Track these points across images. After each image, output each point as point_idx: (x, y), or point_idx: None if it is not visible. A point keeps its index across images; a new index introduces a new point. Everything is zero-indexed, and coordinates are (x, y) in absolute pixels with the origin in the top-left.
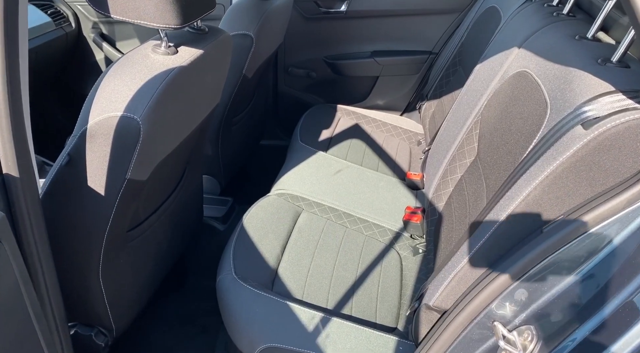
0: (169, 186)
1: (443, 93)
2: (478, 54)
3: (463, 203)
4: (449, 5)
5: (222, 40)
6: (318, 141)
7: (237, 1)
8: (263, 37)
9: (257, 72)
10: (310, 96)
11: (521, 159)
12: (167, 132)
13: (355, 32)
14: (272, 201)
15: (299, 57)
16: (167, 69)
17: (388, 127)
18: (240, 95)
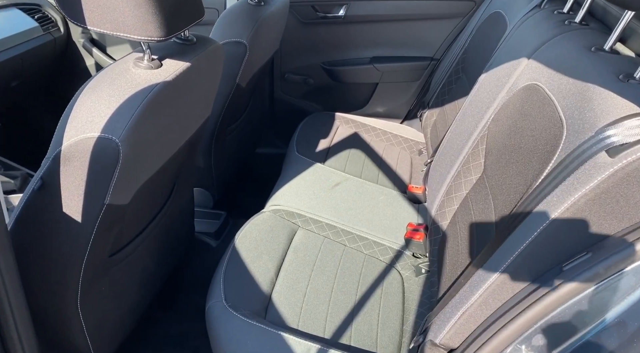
0: (156, 204)
1: (445, 101)
2: (482, 62)
3: (469, 224)
4: (451, 10)
5: (212, 51)
6: (315, 152)
7: (230, 7)
8: (257, 44)
9: (251, 80)
10: (308, 103)
11: (536, 184)
12: (151, 152)
13: (354, 37)
14: (266, 218)
15: (295, 63)
16: (150, 84)
17: (388, 135)
18: (234, 104)
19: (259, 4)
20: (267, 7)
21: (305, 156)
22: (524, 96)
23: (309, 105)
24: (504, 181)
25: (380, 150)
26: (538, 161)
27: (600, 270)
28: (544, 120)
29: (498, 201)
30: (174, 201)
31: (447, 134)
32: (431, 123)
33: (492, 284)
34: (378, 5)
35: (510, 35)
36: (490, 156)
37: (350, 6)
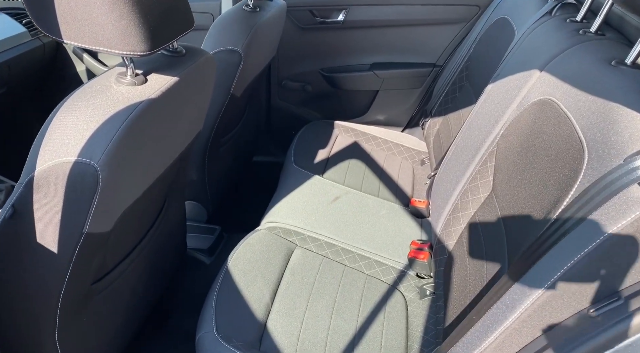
0: (144, 224)
1: (449, 110)
2: (488, 70)
3: (478, 246)
4: (454, 15)
5: (203, 63)
6: (314, 163)
7: (224, 13)
8: (253, 52)
9: (247, 89)
10: (306, 110)
11: (555, 214)
12: (135, 175)
13: (353, 43)
14: (261, 237)
15: (293, 69)
16: (133, 103)
17: (389, 145)
18: (228, 115)
19: (254, 10)
20: (262, 13)
21: (303, 167)
22: (536, 112)
23: (307, 113)
24: (516, 203)
25: (381, 160)
26: (556, 186)
27: (636, 321)
28: (560, 140)
29: (510, 225)
30: (164, 219)
31: (451, 146)
32: (434, 132)
33: (508, 327)
34: (378, 10)
35: (519, 44)
36: (499, 173)
37: (349, 11)
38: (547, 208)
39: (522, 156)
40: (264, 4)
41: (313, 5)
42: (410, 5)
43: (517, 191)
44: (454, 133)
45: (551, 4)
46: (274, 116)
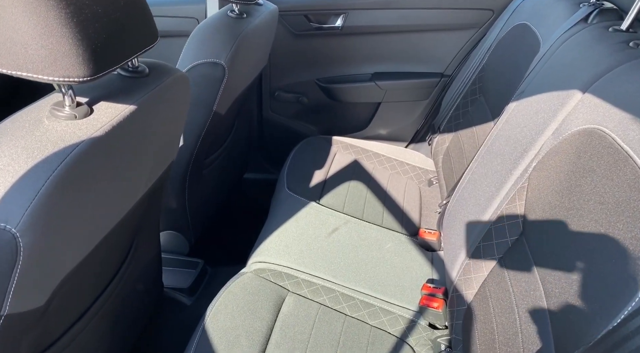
0: (104, 276)
1: (460, 126)
2: (507, 84)
3: (508, 304)
4: (464, 20)
5: (171, 84)
6: (309, 188)
7: (205, 21)
8: (239, 64)
9: (234, 105)
10: (301, 123)
11: (625, 299)
12: (74, 235)
13: (352, 51)
14: (247, 282)
15: (287, 79)
16: (69, 144)
17: (393, 163)
18: (212, 135)
19: (240, 16)
20: (250, 20)
21: (298, 193)
22: (580, 144)
23: (302, 126)
24: (558, 257)
25: (384, 181)
26: (620, 250)
27: None
28: (619, 182)
29: (550, 284)
30: (132, 263)
31: (467, 172)
32: (443, 150)
33: None
34: (380, 14)
35: (549, 57)
36: (532, 214)
37: (348, 15)
38: (605, 274)
39: (564, 197)
40: (252, 9)
41: (308, 9)
42: (415, 9)
43: (558, 241)
44: (467, 154)
45: (586, 10)
46: (266, 130)
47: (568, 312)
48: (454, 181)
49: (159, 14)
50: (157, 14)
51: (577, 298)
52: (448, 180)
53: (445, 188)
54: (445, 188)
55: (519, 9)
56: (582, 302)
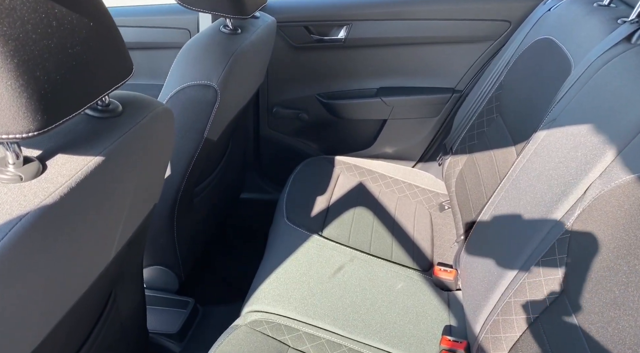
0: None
1: (475, 148)
2: (532, 108)
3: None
4: (478, 32)
5: (151, 122)
6: (310, 217)
7: (196, 37)
8: (232, 85)
9: (227, 128)
10: (301, 141)
11: None
12: (25, 319)
13: (356, 64)
14: (241, 339)
15: (286, 94)
16: (9, 219)
17: (400, 185)
18: (202, 162)
19: (234, 32)
20: (245, 36)
21: (298, 224)
22: None
23: (302, 144)
24: (610, 322)
25: (392, 206)
26: None
27: None
28: None
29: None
30: (110, 316)
31: (488, 206)
32: (456, 173)
33: None
34: (387, 25)
35: (585, 81)
36: (577, 272)
37: (352, 27)
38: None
39: (621, 260)
40: (248, 23)
41: (309, 20)
42: (425, 21)
43: (613, 312)
44: (486, 182)
45: (628, 28)
46: (264, 148)
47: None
48: (470, 210)
49: (149, 25)
50: (146, 25)
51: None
52: (463, 208)
53: (461, 217)
54: (461, 217)
55: (542, 22)
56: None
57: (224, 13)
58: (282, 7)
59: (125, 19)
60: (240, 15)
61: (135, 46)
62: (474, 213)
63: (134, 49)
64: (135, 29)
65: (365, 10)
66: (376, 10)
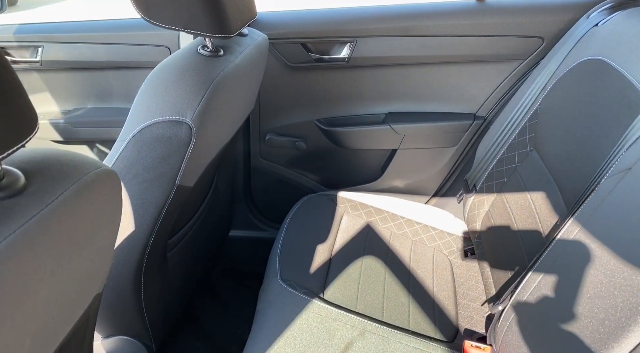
0: None
1: (506, 188)
2: (586, 147)
3: None
4: (502, 50)
5: (75, 197)
6: (309, 274)
7: (166, 61)
8: (212, 120)
9: (209, 169)
10: (297, 173)
11: None
12: None
13: (361, 86)
14: None
15: (281, 120)
16: None
17: (415, 227)
18: (176, 212)
19: (215, 54)
20: (229, 58)
21: (294, 285)
22: None
23: (300, 176)
24: None
25: (405, 254)
26: None
27: None
28: None
29: None
30: None
31: (532, 274)
32: (481, 215)
33: None
34: (396, 43)
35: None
36: None
37: (357, 44)
38: None
39: None
40: (233, 42)
41: (307, 37)
42: (440, 37)
43: None
44: (524, 235)
45: None
46: (256, 181)
47: None
48: (504, 267)
49: (123, 42)
50: (121, 42)
51: None
52: (494, 263)
53: (490, 272)
54: (490, 272)
55: (588, 39)
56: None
57: (200, 31)
58: (276, 21)
59: (97, 35)
60: (222, 34)
61: (108, 65)
62: (509, 271)
63: (107, 69)
64: (108, 46)
65: (371, 25)
66: (384, 25)
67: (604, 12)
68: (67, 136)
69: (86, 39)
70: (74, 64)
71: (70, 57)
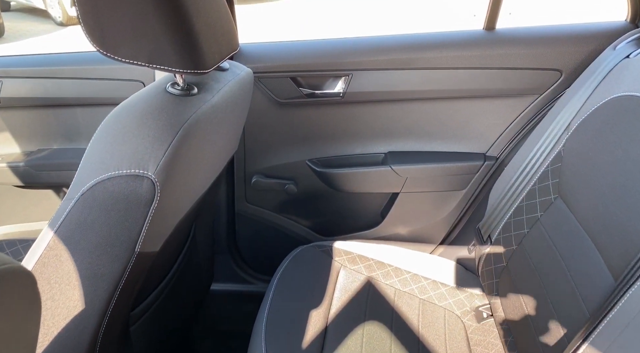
0: None
1: (527, 241)
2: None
3: None
4: (515, 84)
5: None
6: (301, 345)
7: (126, 102)
8: (181, 173)
9: (182, 225)
10: (287, 219)
11: None
12: None
13: (358, 123)
14: None
15: (268, 161)
16: None
17: (422, 283)
18: (139, 282)
19: (187, 93)
20: (203, 97)
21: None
22: None
23: (290, 223)
24: None
25: (413, 318)
26: None
27: None
28: None
29: None
30: None
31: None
32: (498, 273)
33: None
34: (397, 76)
35: None
36: None
37: (353, 78)
38: None
39: None
40: (210, 78)
41: (297, 70)
42: (445, 70)
43: None
44: (554, 299)
45: None
46: (241, 228)
47: None
48: (530, 335)
49: (93, 76)
50: (90, 76)
51: None
52: (518, 334)
53: (515, 342)
54: (515, 342)
55: (619, 72)
56: None
57: (168, 67)
58: (262, 53)
59: (63, 69)
60: (195, 70)
61: (76, 101)
62: (540, 347)
63: (74, 106)
64: (76, 81)
65: (368, 57)
66: (383, 57)
67: (634, 43)
68: (30, 180)
69: (51, 73)
70: (37, 101)
71: (33, 94)
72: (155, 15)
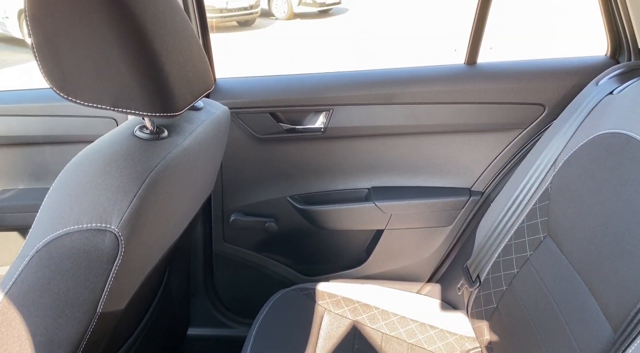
0: None
1: (517, 281)
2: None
3: None
4: (499, 118)
5: None
6: None
7: (89, 148)
8: (149, 223)
9: (148, 281)
10: (268, 258)
11: None
12: None
13: (340, 158)
14: None
15: (247, 198)
16: None
17: (410, 326)
18: (102, 342)
19: (156, 137)
20: (174, 141)
21: None
22: None
23: (270, 262)
24: None
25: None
26: None
27: None
28: None
29: None
30: None
31: None
32: (489, 314)
33: None
34: (380, 111)
35: None
36: None
37: (334, 113)
38: None
39: None
40: (182, 119)
41: (276, 105)
42: (428, 105)
43: None
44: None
45: None
46: (219, 269)
47: None
48: None
49: (63, 113)
50: (60, 113)
51: None
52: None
53: None
54: None
55: (604, 109)
56: None
57: (134, 111)
58: (240, 89)
59: (30, 106)
60: (164, 113)
61: (44, 139)
62: None
63: (43, 144)
64: (45, 119)
65: (350, 92)
66: (364, 92)
67: (616, 79)
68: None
69: (17, 110)
70: (1, 140)
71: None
72: (120, 56)
